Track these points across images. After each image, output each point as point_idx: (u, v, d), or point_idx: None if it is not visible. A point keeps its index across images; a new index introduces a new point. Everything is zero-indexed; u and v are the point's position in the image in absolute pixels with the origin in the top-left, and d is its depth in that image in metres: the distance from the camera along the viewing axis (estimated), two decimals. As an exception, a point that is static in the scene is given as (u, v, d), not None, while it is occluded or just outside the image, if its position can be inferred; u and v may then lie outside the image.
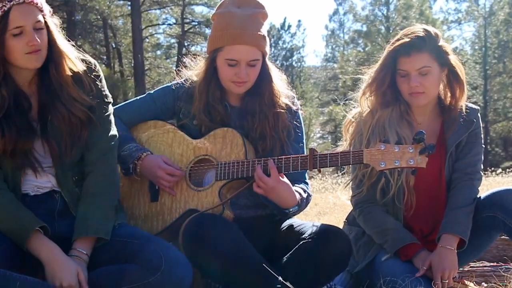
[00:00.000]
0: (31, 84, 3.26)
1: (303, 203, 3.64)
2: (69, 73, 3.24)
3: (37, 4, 3.11)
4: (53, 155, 3.23)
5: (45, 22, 3.17)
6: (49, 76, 3.22)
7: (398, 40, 3.77)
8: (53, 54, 3.21)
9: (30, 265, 3.06)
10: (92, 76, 3.34)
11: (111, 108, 3.45)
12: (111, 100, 3.47)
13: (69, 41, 3.35)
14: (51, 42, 3.20)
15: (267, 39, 3.71)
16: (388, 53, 3.79)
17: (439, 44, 3.74)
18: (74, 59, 3.28)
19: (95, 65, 3.41)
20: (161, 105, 3.88)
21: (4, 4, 3.01)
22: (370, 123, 3.80)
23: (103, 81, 3.42)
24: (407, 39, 3.72)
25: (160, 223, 3.68)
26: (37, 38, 3.09)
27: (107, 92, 3.43)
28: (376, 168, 3.28)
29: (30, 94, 3.24)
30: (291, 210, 3.56)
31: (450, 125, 3.85)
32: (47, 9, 3.19)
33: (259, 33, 3.63)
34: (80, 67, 3.29)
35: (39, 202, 3.24)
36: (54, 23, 3.24)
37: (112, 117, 3.44)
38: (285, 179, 3.48)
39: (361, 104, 3.90)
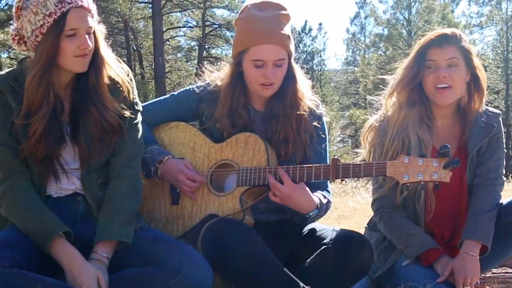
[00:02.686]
0: (66, 88, 3.30)
1: (323, 208, 3.62)
2: (107, 81, 3.30)
3: (91, 10, 3.19)
4: (82, 157, 3.27)
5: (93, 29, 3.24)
6: (87, 81, 3.27)
7: (432, 33, 3.80)
8: (96, 60, 3.27)
9: (50, 266, 3.07)
10: (126, 84, 3.38)
11: (139, 117, 3.47)
12: (141, 108, 3.50)
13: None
14: (95, 49, 3.26)
15: (292, 39, 3.71)
16: (420, 47, 3.79)
17: (465, 45, 3.76)
18: (114, 67, 3.35)
19: (128, 72, 3.45)
20: (184, 106, 3.88)
21: (63, 5, 3.08)
22: (396, 119, 3.79)
23: (135, 89, 3.47)
24: (444, 31, 3.76)
25: (181, 227, 3.69)
26: (89, 42, 3.15)
27: (137, 100, 3.47)
28: (399, 181, 3.28)
29: (64, 98, 3.28)
30: (311, 214, 3.56)
31: (470, 130, 3.83)
32: (96, 17, 3.25)
33: (283, 32, 3.62)
34: (118, 77, 3.35)
35: (62, 204, 3.26)
36: (101, 31, 3.31)
37: (140, 126, 3.47)
38: (301, 184, 3.47)
39: (386, 104, 3.89)
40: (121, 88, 3.36)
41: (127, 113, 3.34)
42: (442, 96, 3.73)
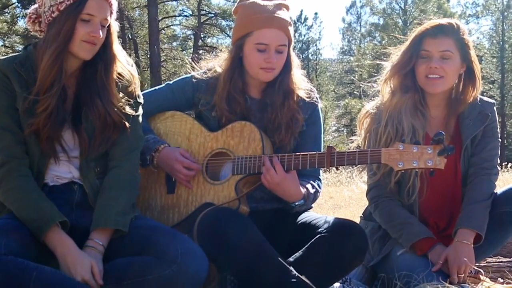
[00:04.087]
0: (71, 77, 3.33)
1: (310, 198, 3.65)
2: (115, 76, 3.35)
3: (111, 5, 3.27)
4: (82, 148, 3.29)
5: (109, 23, 3.29)
6: (95, 74, 3.31)
7: (430, 22, 3.81)
8: (106, 55, 3.32)
9: (46, 254, 3.08)
10: (135, 81, 3.44)
11: (141, 110, 3.50)
12: (142, 101, 3.53)
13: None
14: (108, 43, 3.32)
15: (292, 27, 3.75)
16: (416, 36, 3.81)
17: (465, 37, 3.77)
18: (124, 64, 3.40)
19: (132, 65, 3.49)
20: (180, 95, 3.89)
21: None
22: (389, 106, 3.82)
23: (138, 81, 3.49)
24: (440, 22, 3.77)
25: (176, 216, 3.69)
26: (100, 32, 3.20)
27: (139, 92, 3.51)
28: (394, 168, 3.27)
29: (68, 86, 3.30)
30: (296, 204, 3.58)
31: (464, 119, 3.84)
32: (115, 13, 3.32)
33: (286, 18, 3.67)
34: (128, 73, 3.41)
35: (58, 193, 3.26)
36: (115, 28, 3.36)
37: (141, 118, 3.50)
38: (292, 173, 3.50)
39: (382, 90, 3.91)
40: (128, 85, 3.40)
41: (130, 111, 3.37)
42: (432, 85, 3.75)
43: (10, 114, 3.18)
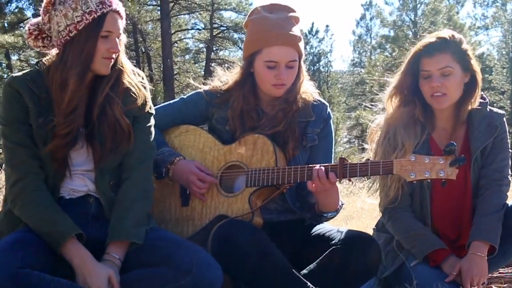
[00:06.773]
0: (84, 89, 3.32)
1: (339, 210, 3.67)
2: (125, 86, 3.36)
3: (123, 18, 3.30)
4: (96, 159, 3.30)
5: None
6: (106, 85, 3.31)
7: (422, 42, 3.80)
8: (116, 66, 3.33)
9: (62, 267, 3.10)
10: (140, 89, 3.43)
11: (152, 120, 3.51)
12: (154, 112, 3.54)
13: None
14: (118, 55, 3.33)
15: (302, 40, 3.74)
16: (411, 57, 3.81)
17: (462, 47, 3.76)
18: (131, 75, 3.42)
19: (143, 77, 3.51)
20: (194, 109, 3.90)
21: (104, 6, 3.18)
22: (389, 119, 3.86)
23: (148, 92, 3.50)
24: (430, 40, 3.76)
25: (190, 228, 3.70)
26: (118, 47, 3.25)
27: (150, 103, 3.51)
28: (406, 179, 3.29)
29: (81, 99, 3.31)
30: (330, 214, 3.62)
31: (473, 131, 3.84)
32: (124, 25, 3.34)
33: (295, 34, 3.66)
34: (135, 83, 3.41)
35: (74, 205, 3.28)
36: (123, 39, 3.38)
37: (153, 129, 3.50)
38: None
39: (387, 106, 3.93)
40: (135, 93, 3.40)
41: (127, 120, 3.36)
42: (437, 102, 3.75)
43: (24, 130, 3.21)
